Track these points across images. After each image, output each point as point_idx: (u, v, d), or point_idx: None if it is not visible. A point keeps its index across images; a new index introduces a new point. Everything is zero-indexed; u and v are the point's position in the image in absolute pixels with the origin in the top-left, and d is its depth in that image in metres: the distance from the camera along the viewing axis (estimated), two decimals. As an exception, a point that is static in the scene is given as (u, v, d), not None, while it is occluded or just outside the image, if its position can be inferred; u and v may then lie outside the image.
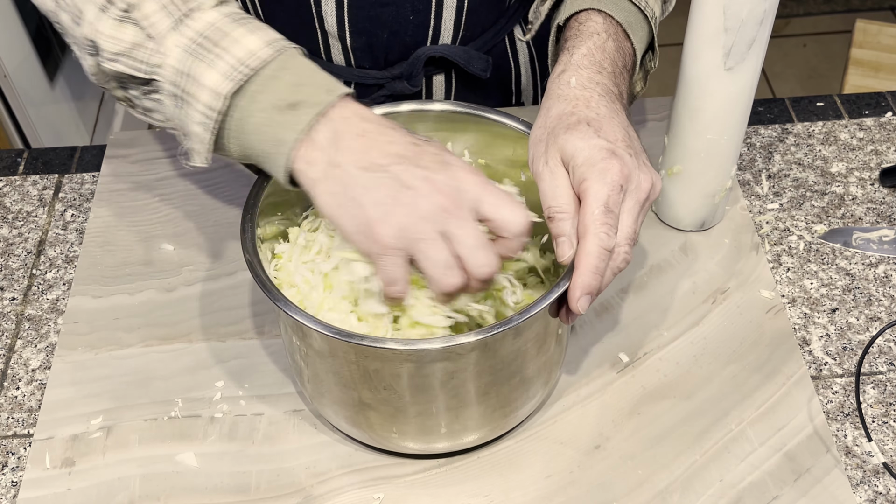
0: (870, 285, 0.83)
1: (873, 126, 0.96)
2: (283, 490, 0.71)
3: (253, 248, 0.66)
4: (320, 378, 0.67)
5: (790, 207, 0.89)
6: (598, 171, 0.61)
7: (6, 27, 1.74)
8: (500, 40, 0.96)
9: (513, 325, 0.60)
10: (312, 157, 0.61)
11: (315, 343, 0.64)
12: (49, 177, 0.95)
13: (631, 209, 0.63)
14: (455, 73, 0.95)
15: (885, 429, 0.73)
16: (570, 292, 0.62)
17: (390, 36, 0.89)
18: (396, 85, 0.92)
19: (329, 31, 0.88)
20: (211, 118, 0.62)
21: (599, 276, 0.61)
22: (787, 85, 2.42)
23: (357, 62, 0.91)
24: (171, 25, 0.63)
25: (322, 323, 0.61)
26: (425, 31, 0.89)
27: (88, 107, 2.07)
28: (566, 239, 0.62)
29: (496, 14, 0.94)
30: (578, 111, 0.65)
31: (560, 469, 0.71)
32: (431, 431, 0.68)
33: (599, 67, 0.68)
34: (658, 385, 0.76)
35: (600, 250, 0.61)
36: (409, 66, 0.91)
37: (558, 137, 0.64)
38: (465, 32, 0.91)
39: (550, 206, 0.63)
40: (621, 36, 0.71)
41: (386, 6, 0.86)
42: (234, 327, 0.80)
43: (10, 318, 0.83)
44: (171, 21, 0.63)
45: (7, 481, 0.72)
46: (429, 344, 0.60)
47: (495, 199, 0.60)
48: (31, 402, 0.77)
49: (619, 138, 0.63)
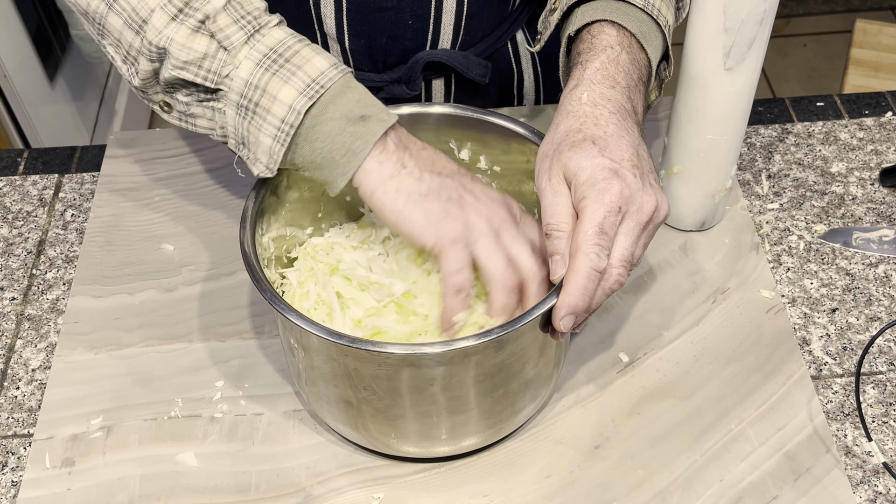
0: (870, 285, 0.83)
1: (873, 126, 0.96)
2: (282, 490, 0.71)
3: (252, 248, 0.66)
4: (320, 382, 0.67)
5: (790, 207, 0.89)
6: (597, 192, 0.62)
7: (6, 27, 1.74)
8: (502, 45, 0.96)
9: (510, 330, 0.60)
10: (383, 159, 0.65)
11: (313, 346, 0.64)
12: (49, 177, 0.95)
13: (630, 231, 0.63)
14: (455, 77, 0.95)
15: (885, 429, 0.73)
16: (554, 310, 0.62)
17: (389, 40, 0.89)
18: (395, 88, 0.92)
19: (328, 33, 0.88)
20: (285, 132, 0.65)
21: (587, 296, 0.62)
22: (787, 85, 2.42)
23: (356, 65, 0.91)
24: (243, 39, 0.65)
25: (320, 326, 0.61)
26: (424, 35, 0.89)
27: (88, 107, 2.07)
28: (560, 258, 0.63)
29: (497, 20, 0.93)
30: (586, 129, 0.65)
31: (560, 469, 0.71)
32: (430, 436, 0.68)
33: (613, 82, 0.68)
34: (658, 385, 0.76)
35: (589, 270, 0.61)
36: (408, 71, 0.91)
37: (563, 154, 0.64)
38: (464, 37, 0.91)
39: (549, 223, 0.64)
40: (635, 47, 0.70)
41: (385, 10, 0.86)
42: (234, 327, 0.80)
43: (10, 318, 0.83)
44: (244, 35, 0.65)
45: (7, 481, 0.72)
46: (428, 348, 0.60)
47: (531, 230, 0.67)
48: (31, 402, 0.77)
49: (626, 158, 0.63)
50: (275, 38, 0.66)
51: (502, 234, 0.65)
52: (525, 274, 0.65)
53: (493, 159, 0.76)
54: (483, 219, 0.65)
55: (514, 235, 0.65)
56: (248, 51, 0.65)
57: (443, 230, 0.64)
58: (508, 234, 0.65)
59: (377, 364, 0.61)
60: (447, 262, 0.64)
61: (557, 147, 0.65)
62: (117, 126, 2.16)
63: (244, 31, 0.65)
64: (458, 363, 0.62)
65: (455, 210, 0.64)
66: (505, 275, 0.64)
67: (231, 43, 0.65)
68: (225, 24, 0.65)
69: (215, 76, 0.65)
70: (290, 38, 0.66)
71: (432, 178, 0.65)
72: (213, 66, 0.65)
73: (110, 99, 2.17)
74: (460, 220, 0.64)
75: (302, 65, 0.65)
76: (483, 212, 0.65)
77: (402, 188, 0.64)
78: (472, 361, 0.62)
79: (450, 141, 0.76)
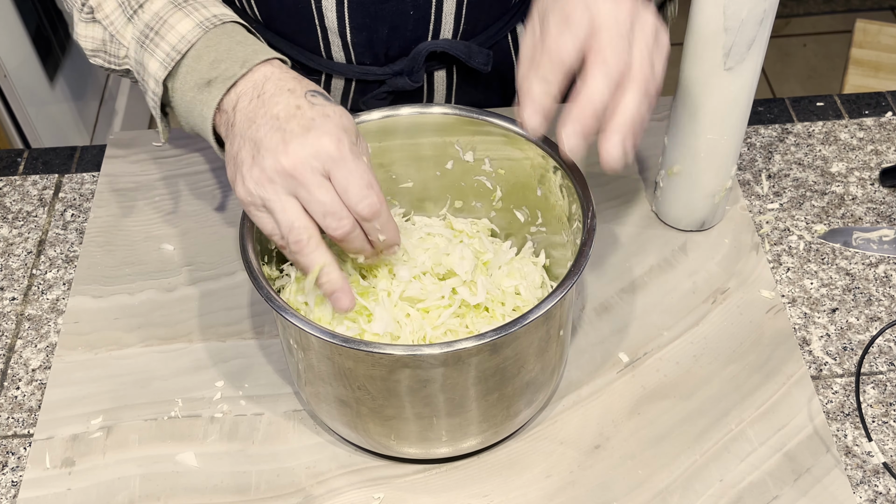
0: (870, 285, 0.83)
1: (873, 126, 0.96)
2: (283, 490, 0.71)
3: (252, 248, 0.66)
4: (318, 382, 0.67)
5: (790, 207, 0.89)
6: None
7: (6, 27, 1.74)
8: (502, 37, 0.96)
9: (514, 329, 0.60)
10: (221, 122, 0.66)
11: (308, 345, 0.64)
12: (49, 177, 0.95)
13: (644, 46, 0.61)
14: (457, 68, 0.95)
15: (885, 429, 0.73)
16: (612, 136, 0.60)
17: (391, 31, 0.89)
18: (398, 81, 0.92)
19: (329, 27, 0.88)
20: (157, 103, 0.69)
21: (598, 109, 0.60)
22: (787, 85, 2.42)
23: (357, 59, 0.91)
24: (125, 21, 0.69)
25: (315, 325, 0.61)
26: (426, 25, 0.89)
27: (88, 107, 2.07)
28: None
29: (499, 10, 0.94)
30: None
31: (560, 469, 0.71)
32: (429, 437, 0.68)
33: None
34: (658, 385, 0.76)
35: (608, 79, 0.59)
36: (411, 62, 0.91)
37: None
38: (466, 27, 0.91)
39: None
40: None
41: (387, 1, 0.86)
42: (234, 327, 0.80)
43: (10, 318, 0.83)
44: (125, 17, 0.69)
45: (7, 481, 0.72)
46: (429, 350, 0.60)
47: (346, 174, 0.60)
48: (31, 402, 0.77)
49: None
50: (152, 11, 0.68)
51: (296, 189, 0.60)
52: (323, 221, 0.61)
53: (498, 161, 0.76)
54: (268, 178, 0.61)
55: (307, 189, 0.60)
56: (132, 30, 0.69)
57: (236, 194, 0.62)
58: (301, 189, 0.60)
59: (371, 364, 0.61)
60: (266, 225, 0.62)
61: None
62: (117, 126, 2.16)
63: (125, 13, 0.69)
64: (453, 365, 0.62)
65: (246, 171, 0.61)
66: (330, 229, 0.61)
67: (116, 28, 0.69)
68: (110, 10, 0.70)
69: (116, 59, 0.71)
70: (166, 8, 0.67)
71: (239, 140, 0.62)
72: (112, 51, 0.71)
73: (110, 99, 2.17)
74: (247, 182, 0.61)
75: (166, 34, 0.66)
76: (268, 168, 0.60)
77: (227, 151, 0.64)
78: (469, 364, 0.62)
79: (454, 143, 0.76)
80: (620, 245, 0.85)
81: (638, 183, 0.91)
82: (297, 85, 0.64)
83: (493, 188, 0.78)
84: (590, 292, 0.82)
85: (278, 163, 0.60)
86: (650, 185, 0.90)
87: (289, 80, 0.65)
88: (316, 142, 0.60)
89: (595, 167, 0.65)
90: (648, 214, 0.88)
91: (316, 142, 0.60)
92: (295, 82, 0.65)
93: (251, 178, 0.61)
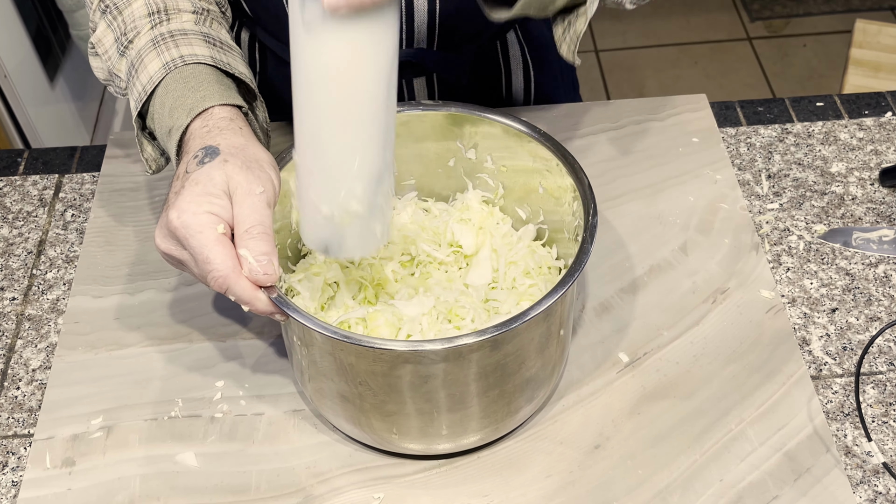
0: (870, 285, 0.83)
1: (873, 126, 0.96)
2: (283, 490, 0.71)
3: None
4: (322, 379, 0.67)
5: (790, 207, 0.89)
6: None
7: (6, 27, 1.74)
8: (490, 47, 0.96)
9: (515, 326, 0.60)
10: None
11: (311, 341, 0.64)
12: (49, 177, 0.95)
13: None
14: (437, 76, 0.95)
15: (884, 429, 0.73)
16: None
17: None
18: None
19: None
20: (139, 139, 0.73)
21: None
22: (787, 85, 2.41)
23: None
24: (119, 56, 0.73)
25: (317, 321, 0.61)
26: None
27: (88, 107, 2.07)
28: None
29: (480, 24, 0.92)
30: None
31: (560, 469, 0.71)
32: (430, 433, 0.68)
33: None
34: (658, 385, 0.76)
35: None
36: None
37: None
38: (443, 37, 0.90)
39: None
40: None
41: None
42: (234, 327, 0.80)
43: (11, 318, 0.83)
44: (118, 53, 0.73)
45: (7, 481, 0.72)
46: (430, 345, 0.60)
47: (190, 248, 0.62)
48: (31, 402, 0.77)
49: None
50: (136, 49, 0.71)
51: (179, 254, 0.64)
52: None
53: (500, 159, 0.76)
54: (160, 248, 0.65)
55: (184, 261, 0.64)
56: (126, 64, 0.73)
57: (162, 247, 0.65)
58: (184, 256, 0.64)
59: (372, 360, 0.62)
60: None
61: None
62: (117, 126, 2.16)
63: (118, 49, 0.73)
64: (454, 361, 0.62)
65: (162, 227, 0.64)
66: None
67: (112, 63, 0.74)
68: (108, 45, 0.74)
69: (120, 89, 0.75)
70: (146, 46, 0.71)
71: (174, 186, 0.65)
72: (115, 81, 0.75)
73: (110, 99, 2.17)
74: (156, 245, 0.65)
75: (140, 74, 0.70)
76: (157, 240, 0.65)
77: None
78: (470, 360, 0.62)
79: (457, 140, 0.76)
80: (621, 245, 0.85)
81: (640, 182, 0.90)
82: (202, 142, 0.65)
83: (495, 185, 0.78)
84: (590, 292, 0.82)
85: (169, 222, 0.62)
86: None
87: (204, 134, 0.66)
88: (168, 213, 0.62)
89: (597, 165, 0.65)
90: (650, 214, 0.88)
91: (168, 213, 0.62)
92: (204, 139, 0.65)
93: (158, 229, 0.65)
